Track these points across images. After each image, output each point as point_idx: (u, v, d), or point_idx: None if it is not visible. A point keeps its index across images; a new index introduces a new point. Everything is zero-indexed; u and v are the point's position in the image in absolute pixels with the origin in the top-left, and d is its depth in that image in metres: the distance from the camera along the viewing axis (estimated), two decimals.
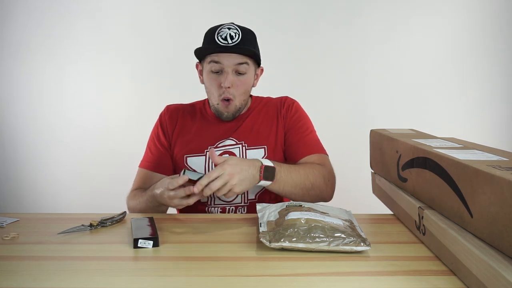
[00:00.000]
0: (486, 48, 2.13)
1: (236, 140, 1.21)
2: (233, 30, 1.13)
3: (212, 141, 1.22)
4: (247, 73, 1.16)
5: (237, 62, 1.13)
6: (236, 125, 1.23)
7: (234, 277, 0.69)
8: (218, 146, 1.20)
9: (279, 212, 0.91)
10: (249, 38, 1.16)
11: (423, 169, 0.84)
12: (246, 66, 1.14)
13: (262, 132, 1.22)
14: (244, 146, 1.20)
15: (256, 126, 1.23)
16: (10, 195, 2.26)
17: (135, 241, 0.82)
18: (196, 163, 1.20)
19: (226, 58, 1.12)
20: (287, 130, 1.23)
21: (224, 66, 1.13)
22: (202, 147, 1.21)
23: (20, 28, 2.15)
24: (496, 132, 2.15)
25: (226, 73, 1.13)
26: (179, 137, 1.24)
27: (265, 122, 1.24)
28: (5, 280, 0.67)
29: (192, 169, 1.18)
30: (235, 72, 1.14)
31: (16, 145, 2.25)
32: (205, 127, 1.24)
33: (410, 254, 0.78)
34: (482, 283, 0.59)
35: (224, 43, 1.11)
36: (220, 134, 1.22)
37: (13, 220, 0.97)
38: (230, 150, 1.20)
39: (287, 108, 1.26)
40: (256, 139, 1.21)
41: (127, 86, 2.19)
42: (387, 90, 2.15)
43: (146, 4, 2.13)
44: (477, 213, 0.65)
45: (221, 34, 1.12)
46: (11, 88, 2.20)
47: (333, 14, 2.11)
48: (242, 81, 1.16)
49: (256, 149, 1.20)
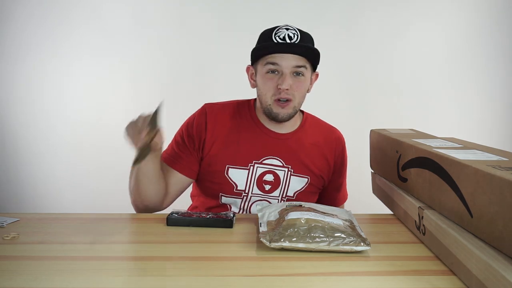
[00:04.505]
0: (486, 48, 2.13)
1: (283, 162, 1.15)
2: (291, 30, 1.07)
3: (258, 155, 1.15)
4: (305, 76, 1.10)
5: (295, 65, 1.07)
6: (285, 143, 1.17)
7: (234, 277, 0.69)
8: (263, 163, 1.15)
9: (279, 212, 0.91)
10: (308, 39, 1.10)
11: (423, 169, 0.84)
12: (303, 69, 1.08)
13: (308, 162, 1.18)
14: (290, 171, 1.16)
15: (305, 154, 1.17)
16: (10, 195, 2.26)
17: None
18: (238, 176, 1.14)
19: (285, 60, 1.06)
20: (333, 174, 1.23)
21: (283, 67, 1.07)
22: (247, 160, 1.14)
23: (20, 28, 2.15)
24: (496, 132, 2.15)
25: (284, 75, 1.07)
26: (223, 146, 1.15)
27: (314, 151, 1.19)
28: (5, 280, 0.67)
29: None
30: (293, 74, 1.08)
31: (16, 146, 2.24)
32: (253, 137, 1.16)
33: (410, 254, 0.78)
34: (482, 283, 0.59)
35: (282, 42, 1.06)
36: (267, 148, 1.16)
37: (13, 220, 0.97)
38: (275, 170, 1.15)
39: (340, 153, 1.24)
40: (302, 167, 1.17)
41: (128, 85, 2.18)
42: (387, 90, 2.15)
43: (146, 4, 2.13)
44: (477, 213, 0.65)
45: (278, 35, 1.07)
46: (11, 88, 2.20)
47: (333, 14, 2.11)
48: (301, 82, 1.09)
49: (301, 177, 1.17)
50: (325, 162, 1.20)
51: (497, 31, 2.11)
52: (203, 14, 2.07)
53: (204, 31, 2.10)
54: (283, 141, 1.17)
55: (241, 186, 1.14)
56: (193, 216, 0.95)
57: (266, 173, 1.15)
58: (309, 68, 1.11)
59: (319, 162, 1.19)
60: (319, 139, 1.21)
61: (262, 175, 1.15)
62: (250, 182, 1.14)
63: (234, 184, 1.14)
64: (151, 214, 1.20)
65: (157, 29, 2.13)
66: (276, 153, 1.15)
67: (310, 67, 1.12)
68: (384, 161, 1.08)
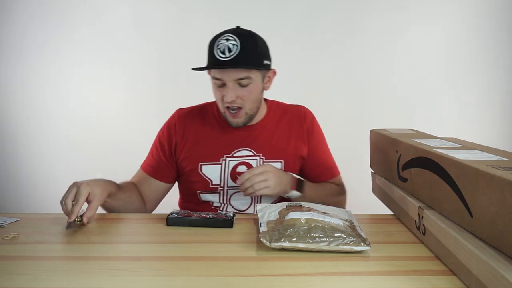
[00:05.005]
0: (486, 48, 2.13)
1: (254, 152, 1.18)
2: (231, 41, 1.06)
3: (228, 149, 1.18)
4: (252, 83, 1.10)
5: (237, 78, 1.07)
6: (253, 134, 1.19)
7: (234, 277, 0.69)
8: (234, 155, 1.18)
9: (279, 212, 0.91)
10: (250, 47, 1.07)
11: (423, 169, 0.84)
12: (247, 80, 1.08)
13: (280, 145, 1.19)
14: (262, 158, 1.17)
15: (275, 138, 1.20)
16: (10, 195, 2.26)
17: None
18: (211, 171, 1.17)
19: (226, 74, 1.07)
20: (309, 151, 1.22)
21: (225, 81, 1.08)
22: (218, 155, 1.17)
23: (21, 29, 2.15)
24: (496, 132, 2.15)
25: (227, 88, 1.08)
26: (193, 145, 1.19)
27: (283, 134, 1.21)
28: (5, 280, 0.67)
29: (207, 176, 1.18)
30: (238, 85, 1.09)
31: (16, 146, 2.24)
32: (221, 134, 1.20)
33: (410, 254, 0.78)
34: (482, 283, 0.59)
35: (222, 57, 1.05)
36: (237, 142, 1.18)
37: (13, 220, 0.97)
38: (247, 161, 1.17)
39: (309, 127, 1.23)
40: (274, 152, 1.18)
41: (128, 86, 2.19)
42: (388, 90, 2.15)
43: (146, 5, 2.13)
44: (477, 213, 0.65)
45: (219, 47, 1.06)
46: (12, 88, 2.20)
47: (334, 15, 2.11)
48: (247, 91, 1.10)
49: (274, 162, 1.17)
50: (298, 139, 1.21)
51: (497, 31, 2.11)
52: (203, 14, 2.07)
53: (205, 32, 2.10)
54: (251, 132, 1.20)
55: (215, 181, 1.17)
56: (193, 216, 0.95)
57: (238, 165, 1.17)
58: (255, 74, 1.10)
59: (292, 141, 1.21)
60: (287, 120, 1.23)
61: (235, 167, 1.17)
62: (224, 176, 1.17)
63: (208, 180, 1.17)
64: (151, 214, 1.21)
65: (157, 30, 2.13)
66: (246, 145, 1.19)
67: (258, 71, 1.11)
68: (384, 161, 1.08)
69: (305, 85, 2.10)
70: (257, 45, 1.10)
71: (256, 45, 1.10)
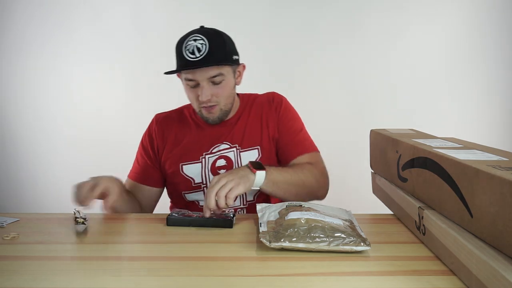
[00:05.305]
0: (486, 48, 2.13)
1: (230, 144, 1.19)
2: (199, 41, 1.07)
3: (206, 146, 1.20)
4: (225, 79, 1.12)
5: (210, 76, 1.09)
6: (228, 128, 1.21)
7: (234, 277, 0.69)
8: (213, 152, 1.19)
9: (279, 212, 0.91)
10: (218, 44, 1.09)
11: (423, 169, 0.84)
12: (219, 77, 1.10)
13: (254, 133, 1.21)
14: (238, 149, 1.19)
15: (248, 128, 1.21)
16: (10, 195, 2.26)
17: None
18: (193, 170, 1.19)
19: (198, 73, 1.08)
20: (278, 130, 1.21)
21: (198, 80, 1.09)
22: (197, 154, 1.20)
23: (21, 29, 2.15)
24: (495, 132, 2.15)
25: (201, 87, 1.10)
26: (173, 147, 1.22)
27: (255, 122, 1.22)
28: (5, 280, 0.67)
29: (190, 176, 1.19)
30: (211, 83, 1.10)
31: (16, 145, 2.25)
32: (198, 133, 1.22)
33: (410, 254, 0.78)
34: (482, 283, 0.59)
35: (192, 57, 1.06)
36: (214, 138, 1.21)
37: (13, 220, 0.97)
38: (225, 154, 1.19)
39: (277, 106, 1.23)
40: (249, 141, 1.20)
41: (128, 86, 2.19)
42: (388, 90, 2.15)
43: (146, 5, 2.13)
44: (477, 213, 0.65)
45: (188, 48, 1.07)
46: (12, 88, 2.20)
47: (333, 15, 2.11)
48: (221, 88, 1.12)
49: (250, 150, 1.19)
50: (270, 122, 1.22)
51: (497, 31, 2.11)
52: (203, 14, 2.07)
53: None
54: (227, 127, 1.21)
55: (197, 179, 1.19)
56: (193, 216, 0.95)
57: (217, 160, 1.18)
58: (227, 70, 1.12)
59: (264, 126, 1.21)
60: (259, 107, 1.24)
61: (215, 162, 1.18)
62: (205, 173, 1.18)
63: (191, 179, 1.19)
64: (151, 214, 1.21)
65: (157, 30, 2.13)
66: (223, 139, 1.20)
67: (229, 67, 1.13)
68: (384, 161, 1.08)
69: (305, 85, 2.10)
70: (224, 42, 1.11)
71: (224, 42, 1.11)
